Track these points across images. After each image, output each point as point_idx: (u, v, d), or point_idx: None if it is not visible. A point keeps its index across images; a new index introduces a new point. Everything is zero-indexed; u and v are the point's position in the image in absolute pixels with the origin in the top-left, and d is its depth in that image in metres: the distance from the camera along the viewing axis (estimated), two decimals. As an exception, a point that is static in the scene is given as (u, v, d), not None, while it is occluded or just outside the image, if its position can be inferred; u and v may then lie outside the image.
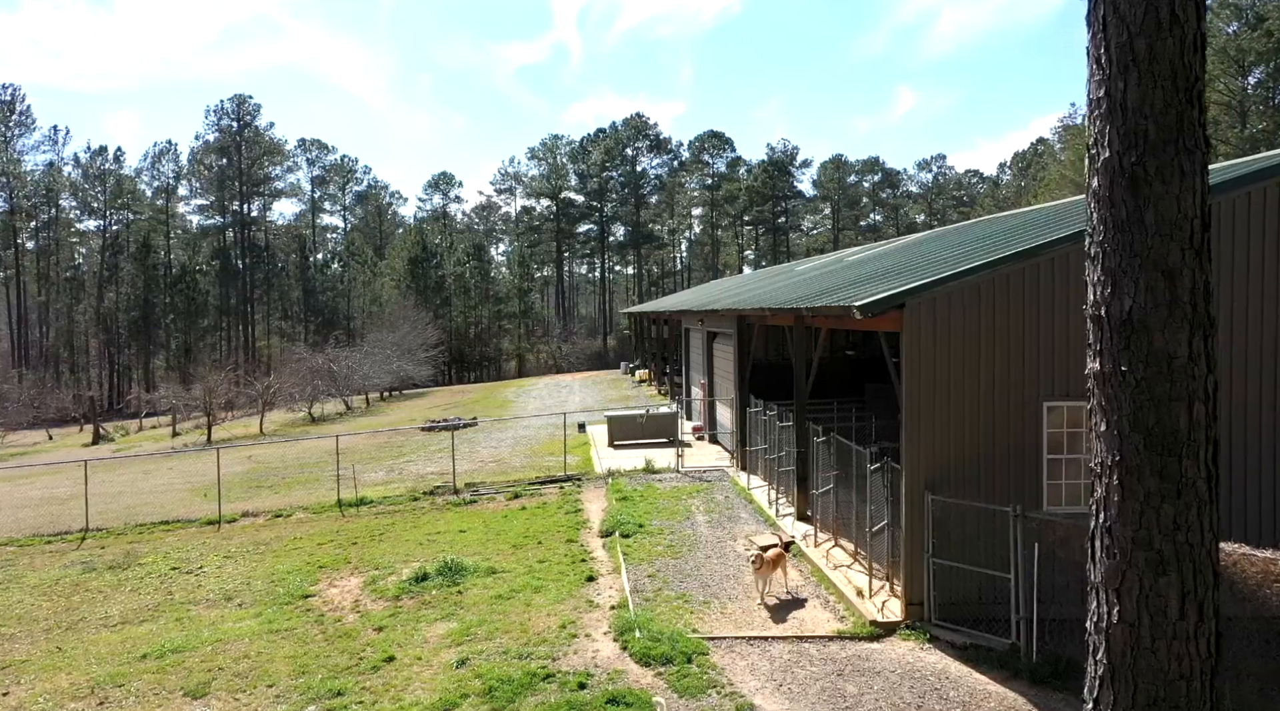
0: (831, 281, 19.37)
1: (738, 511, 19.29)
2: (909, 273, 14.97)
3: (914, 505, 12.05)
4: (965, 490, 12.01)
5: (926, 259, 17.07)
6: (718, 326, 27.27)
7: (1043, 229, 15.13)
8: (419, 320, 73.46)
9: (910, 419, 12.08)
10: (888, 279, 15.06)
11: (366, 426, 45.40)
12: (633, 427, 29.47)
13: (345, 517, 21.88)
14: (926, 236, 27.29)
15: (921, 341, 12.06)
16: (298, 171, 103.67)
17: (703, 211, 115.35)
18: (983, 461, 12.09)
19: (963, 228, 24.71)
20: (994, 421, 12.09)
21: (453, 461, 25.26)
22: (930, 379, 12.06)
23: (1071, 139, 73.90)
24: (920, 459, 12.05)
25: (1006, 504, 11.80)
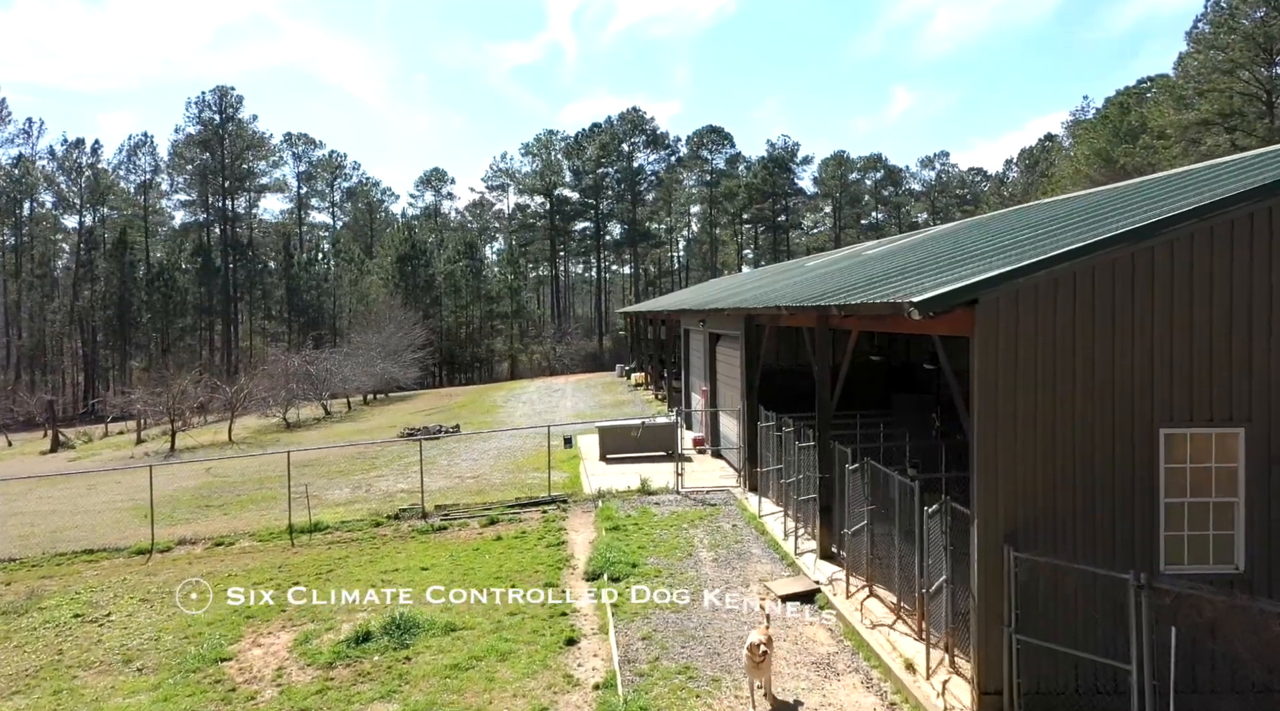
0: (858, 276, 16.51)
1: (748, 545, 16.42)
2: (965, 263, 12.12)
3: (990, 563, 9.20)
4: (1059, 544, 9.16)
5: (973, 249, 14.22)
6: (722, 328, 24.43)
7: (1110, 213, 12.33)
8: (406, 320, 70.55)
9: (984, 451, 9.23)
10: (936, 270, 12.20)
11: (343, 434, 42.49)
12: (626, 440, 26.60)
13: (294, 548, 18.99)
14: (960, 226, 24.46)
15: (1000, 349, 9.21)
16: (284, 166, 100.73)
17: (701, 209, 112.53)
18: (1080, 507, 9.23)
19: (1004, 215, 21.89)
20: (1094, 454, 9.24)
21: (421, 479, 22.36)
22: (1010, 398, 9.20)
23: (1084, 133, 71.14)
24: (999, 503, 9.19)
25: (1110, 562, 8.97)
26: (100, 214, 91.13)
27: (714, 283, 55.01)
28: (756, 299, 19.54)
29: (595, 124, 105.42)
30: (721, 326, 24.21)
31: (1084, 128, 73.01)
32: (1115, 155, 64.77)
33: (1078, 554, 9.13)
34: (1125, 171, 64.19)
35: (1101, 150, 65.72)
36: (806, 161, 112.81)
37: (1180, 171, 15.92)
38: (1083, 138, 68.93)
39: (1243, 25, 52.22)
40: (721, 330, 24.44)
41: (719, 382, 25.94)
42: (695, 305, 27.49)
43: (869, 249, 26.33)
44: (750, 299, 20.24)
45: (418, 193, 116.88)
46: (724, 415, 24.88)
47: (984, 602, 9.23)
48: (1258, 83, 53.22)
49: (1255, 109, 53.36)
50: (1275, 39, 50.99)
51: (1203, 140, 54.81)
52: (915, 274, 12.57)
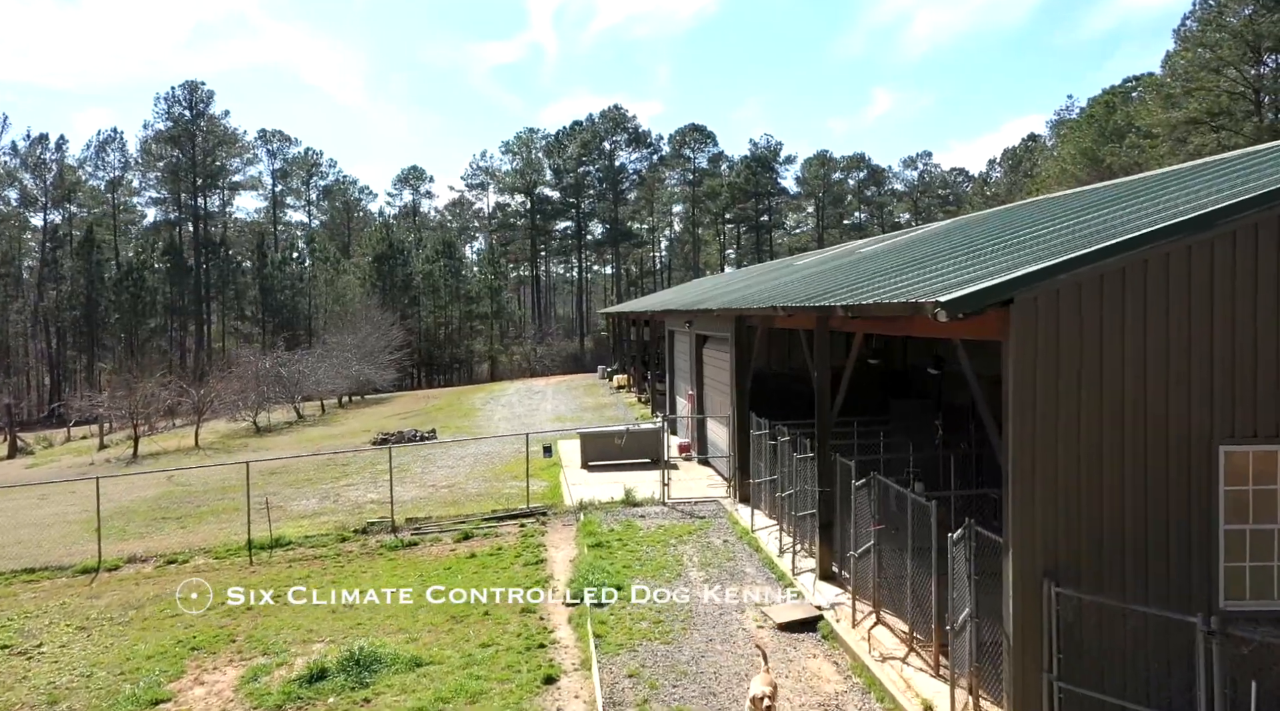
0: (858, 274, 15.40)
1: (741, 563, 15.24)
2: (982, 260, 11.01)
3: (1027, 599, 8.07)
4: (1105, 577, 8.05)
5: (984, 246, 13.14)
6: (709, 329, 23.27)
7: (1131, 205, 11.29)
8: (383, 321, 68.96)
9: (1021, 472, 8.10)
10: (954, 268, 11.10)
11: (314, 439, 40.98)
12: (609, 447, 25.38)
13: (252, 566, 17.63)
14: (960, 222, 23.40)
15: (1038, 355, 8.09)
16: (258, 164, 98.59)
17: (683, 208, 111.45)
18: (1129, 534, 8.12)
19: (1010, 210, 20.86)
20: (1145, 474, 8.14)
21: (391, 490, 21.01)
22: (1051, 412, 8.08)
23: (1069, 133, 70.64)
24: (1037, 531, 8.06)
25: (1163, 596, 7.88)
26: (68, 212, 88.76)
27: (699, 282, 53.89)
28: (749, 299, 18.39)
29: (576, 122, 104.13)
30: (709, 328, 23.05)
31: (1069, 127, 72.53)
32: (1101, 154, 64.29)
33: (1126, 587, 8.03)
34: (1111, 171, 63.67)
35: (1087, 149, 65.21)
36: (789, 161, 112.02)
37: (1215, 159, 14.87)
38: (1068, 137, 68.42)
39: (1230, 23, 51.71)
40: (709, 331, 23.28)
41: (706, 386, 24.78)
42: (681, 306, 26.33)
43: (863, 247, 25.27)
44: (741, 299, 19.08)
45: (395, 191, 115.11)
46: (712, 421, 23.71)
47: (1020, 644, 8.09)
48: (1245, 81, 52.75)
49: (1243, 108, 52.89)
50: (1264, 37, 50.52)
51: (1190, 139, 54.30)
52: (924, 270, 11.46)
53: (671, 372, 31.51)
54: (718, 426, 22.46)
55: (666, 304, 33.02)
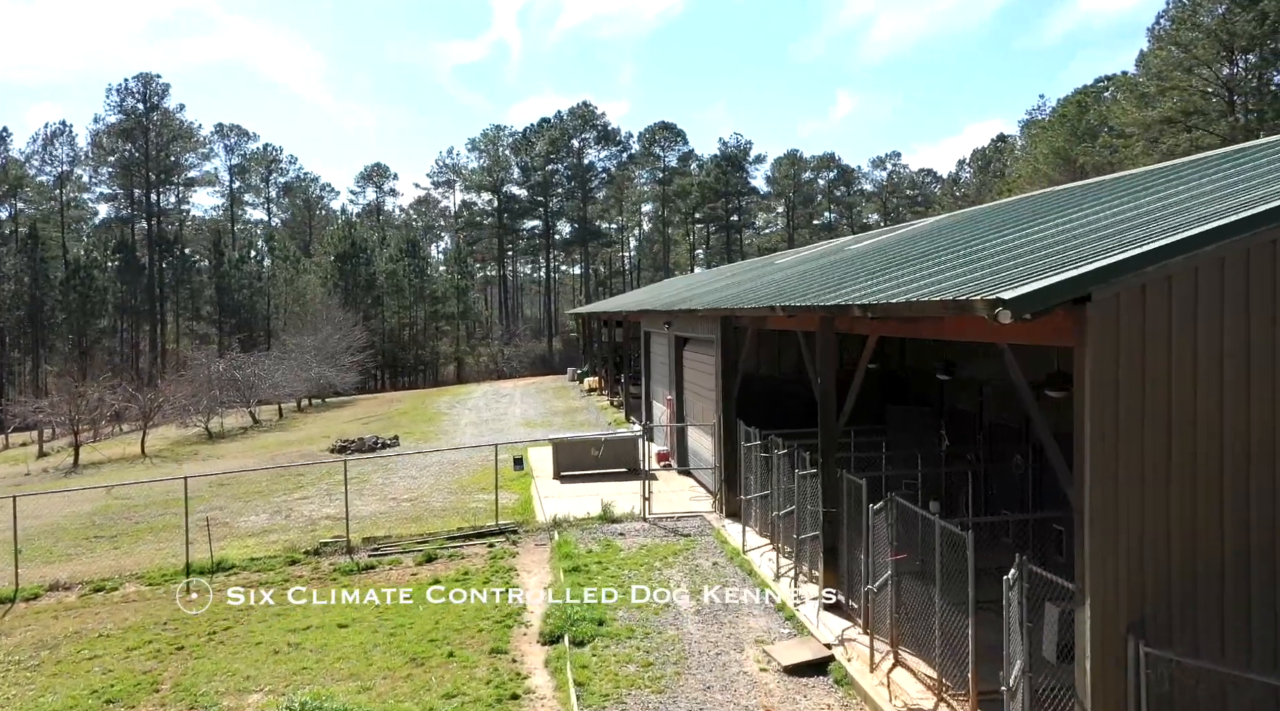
0: (861, 270, 14.02)
1: (736, 590, 13.77)
2: (990, 258, 9.63)
3: (1106, 662, 6.67)
4: (1202, 633, 6.68)
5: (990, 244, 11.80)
6: (691, 330, 21.79)
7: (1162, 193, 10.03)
8: (345, 321, 66.73)
9: (1100, 508, 6.70)
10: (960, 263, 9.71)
11: (269, 446, 38.91)
12: (584, 456, 23.81)
13: (189, 595, 15.84)
14: (948, 220, 22.11)
15: (1122, 365, 6.69)
16: (214, 159, 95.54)
17: (653, 207, 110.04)
18: (1232, 581, 6.76)
19: (1012, 203, 19.59)
20: (1249, 507, 6.78)
21: (346, 507, 19.24)
22: (1136, 432, 6.69)
23: (1041, 133, 70.26)
24: (1120, 580, 6.67)
25: (1271, 658, 6.50)
26: (13, 208, 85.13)
27: (673, 281, 52.40)
28: (739, 297, 16.92)
29: (544, 119, 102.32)
30: (691, 329, 21.57)
31: (1041, 127, 72.16)
32: (1074, 154, 63.93)
33: (1225, 646, 6.66)
34: (1084, 170, 63.31)
35: (1060, 149, 64.82)
36: (759, 160, 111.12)
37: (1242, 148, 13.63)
38: (1040, 137, 68.02)
39: (1205, 22, 51.37)
40: (691, 333, 21.79)
41: (687, 391, 23.30)
42: (659, 306, 24.83)
43: (851, 244, 23.95)
44: (730, 298, 17.60)
45: (359, 189, 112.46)
46: (695, 429, 22.22)
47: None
48: (1219, 80, 52.47)
49: (1217, 107, 52.60)
50: (1237, 35, 50.22)
51: (1163, 139, 53.95)
52: (936, 266, 10.06)
53: (648, 376, 30.01)
54: (701, 435, 20.99)
55: (642, 304, 31.51)
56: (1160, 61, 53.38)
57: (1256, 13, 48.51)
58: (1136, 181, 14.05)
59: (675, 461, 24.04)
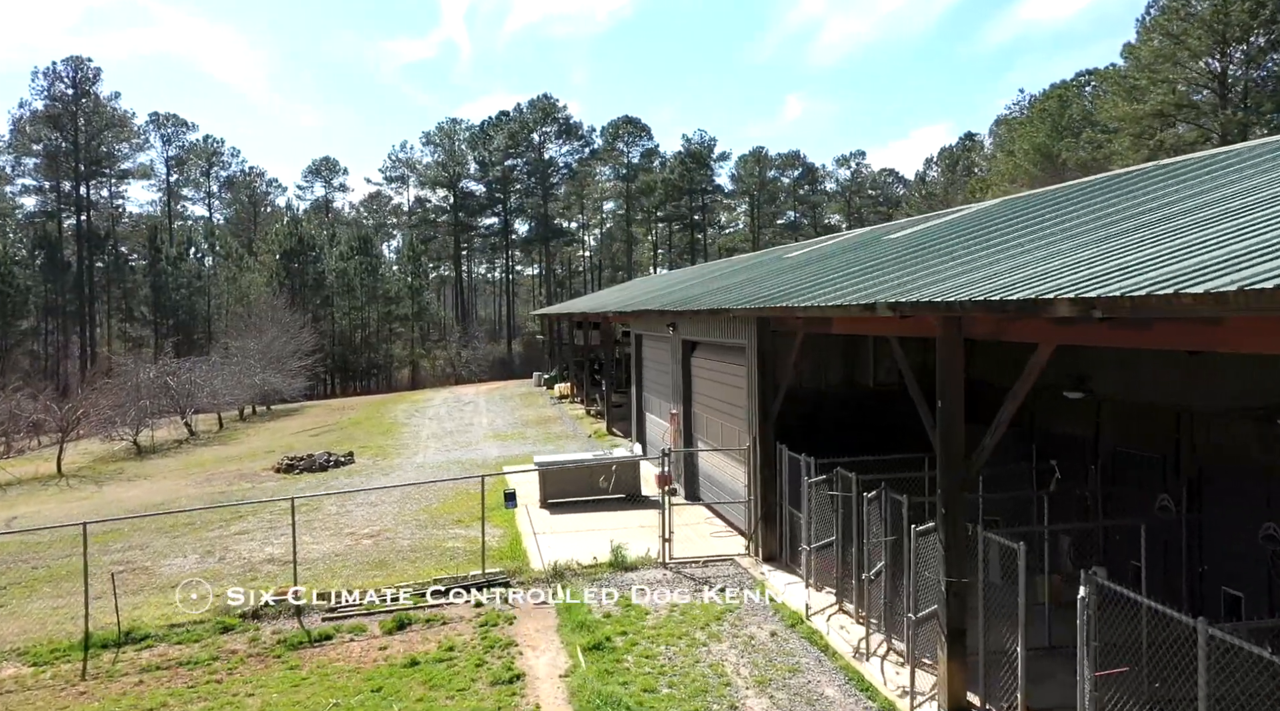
0: (956, 260, 10.89)
1: (814, 679, 10.50)
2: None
3: None
4: None
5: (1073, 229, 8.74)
6: (704, 334, 18.52)
7: None
8: (292, 323, 62.26)
9: None
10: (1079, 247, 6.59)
11: (205, 463, 34.74)
12: (577, 482, 20.44)
13: (84, 682, 12.11)
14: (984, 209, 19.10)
15: None
16: (149, 150, 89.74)
17: (615, 205, 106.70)
18: None
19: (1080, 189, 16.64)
20: None
21: (294, 552, 15.55)
22: None
23: (1021, 129, 68.42)
24: None
25: None
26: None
27: (648, 280, 49.00)
28: (790, 293, 13.58)
29: (503, 112, 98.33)
30: (707, 333, 18.29)
31: (1020, 123, 70.39)
32: (1056, 150, 62.15)
33: None
34: (1067, 167, 61.54)
35: (1041, 145, 62.98)
36: (724, 158, 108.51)
37: None
38: (1022, 133, 66.12)
39: (1198, 10, 49.63)
40: (707, 338, 18.51)
41: (698, 405, 20.00)
42: (663, 305, 21.49)
43: (887, 234, 20.86)
44: (779, 295, 14.27)
45: (306, 184, 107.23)
46: (709, 449, 18.92)
47: None
48: (1209, 73, 50.80)
49: (1210, 101, 50.93)
50: (1232, 25, 48.55)
51: (1156, 132, 52.19)
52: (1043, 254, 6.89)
53: (639, 385, 26.66)
54: (725, 461, 17.70)
55: (629, 303, 28.14)
56: (1150, 52, 51.55)
57: (1252, 1, 46.86)
58: None
59: (682, 487, 20.75)
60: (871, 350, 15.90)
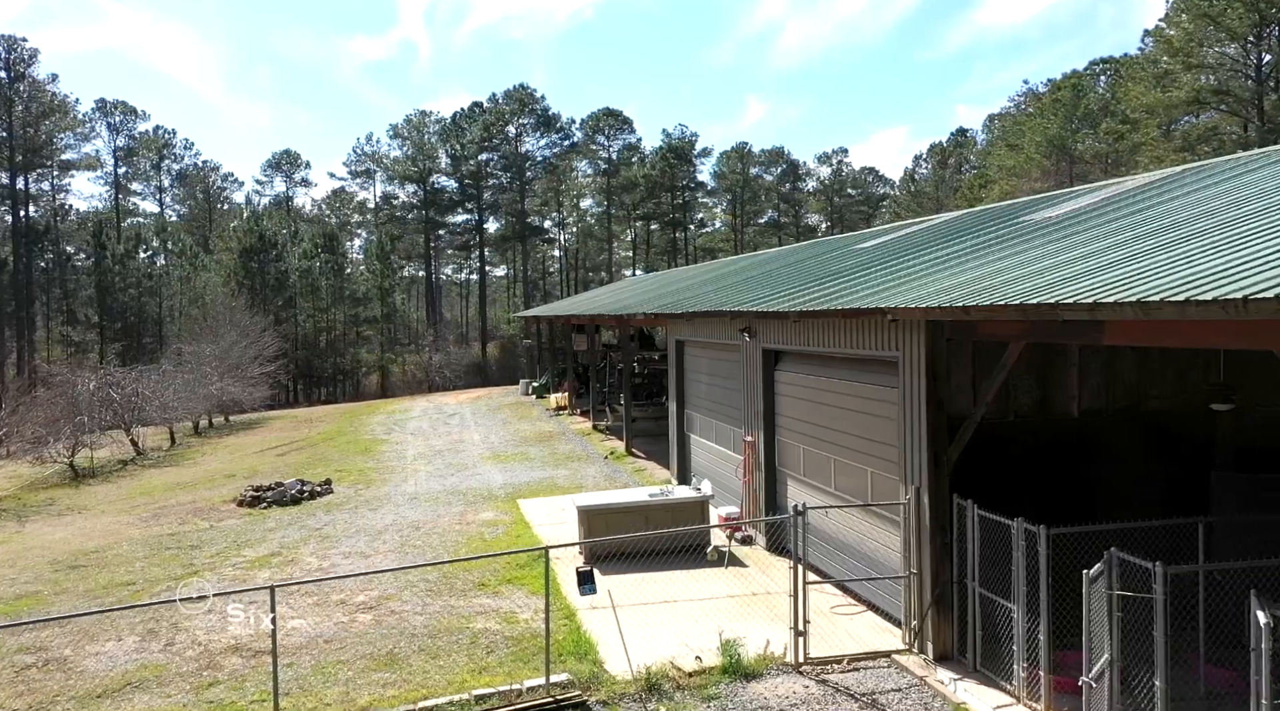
0: None
1: None
2: None
3: None
4: None
5: None
6: (811, 342, 14.25)
7: None
8: (253, 326, 57.02)
9: None
10: None
11: (154, 489, 29.75)
12: (631, 529, 16.05)
13: None
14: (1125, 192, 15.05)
15: None
16: (95, 140, 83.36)
17: (593, 202, 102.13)
18: None
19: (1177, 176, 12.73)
20: None
21: (275, 681, 10.94)
22: None
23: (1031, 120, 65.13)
24: None
25: None
26: None
27: (677, 273, 44.00)
28: (1066, 281, 9.24)
29: (476, 104, 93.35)
30: (813, 341, 14.01)
31: (1028, 116, 67.19)
32: (1073, 142, 59.01)
33: None
34: (1084, 160, 58.40)
35: (1055, 137, 59.77)
36: (706, 153, 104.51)
37: None
38: (1032, 125, 62.84)
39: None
40: (810, 347, 14.23)
41: (788, 433, 15.69)
42: (737, 304, 17.10)
43: (1029, 211, 16.75)
44: (1041, 288, 9.93)
45: (266, 178, 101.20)
46: (810, 489, 14.61)
47: None
48: (1247, 58, 47.76)
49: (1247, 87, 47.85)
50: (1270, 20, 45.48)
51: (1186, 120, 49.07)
52: None
53: (681, 400, 22.31)
54: (853, 517, 13.37)
55: (671, 301, 23.73)
56: (1181, 35, 48.37)
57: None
58: None
59: (762, 536, 16.46)
60: (1076, 363, 11.70)
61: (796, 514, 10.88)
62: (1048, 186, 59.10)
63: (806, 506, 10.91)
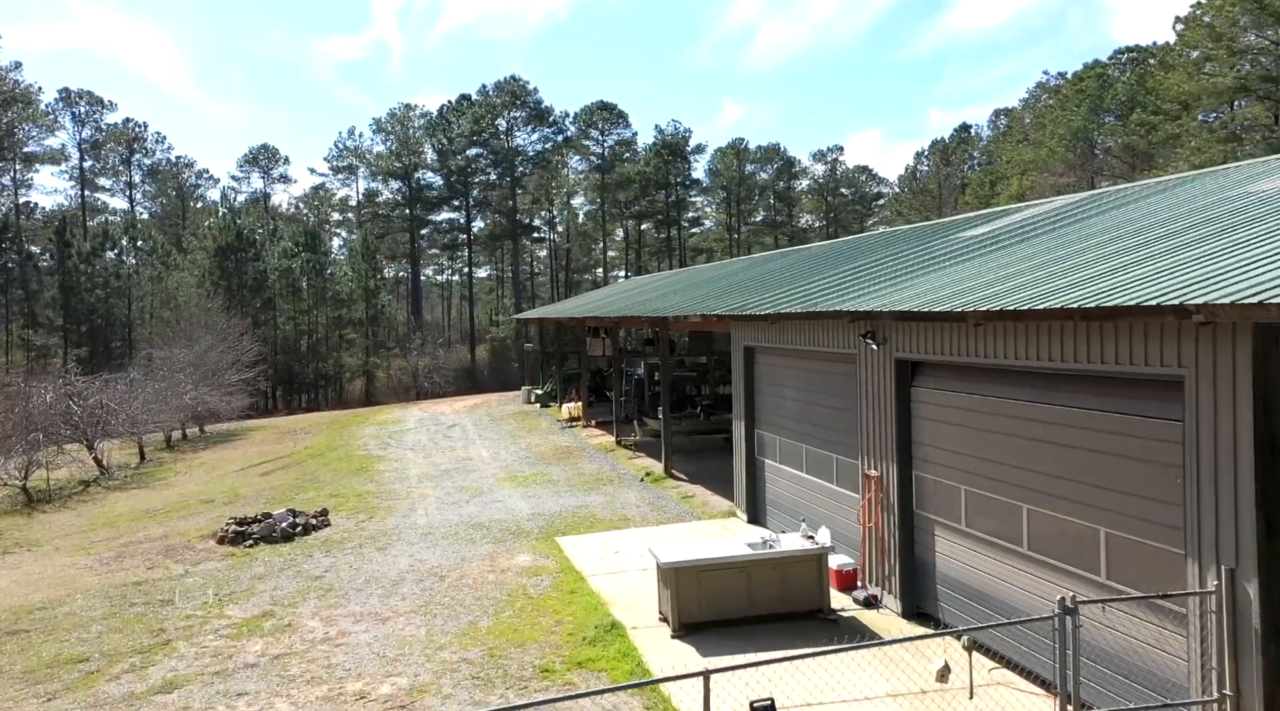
0: None
1: None
2: None
3: None
4: None
5: None
6: (970, 353, 10.82)
7: None
8: (230, 329, 52.95)
9: None
10: None
11: (117, 519, 25.86)
12: (733, 591, 12.59)
13: None
14: None
15: None
16: (60, 133, 78.64)
17: (586, 198, 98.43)
18: None
19: None
20: None
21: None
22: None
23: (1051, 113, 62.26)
24: None
25: None
26: None
27: (734, 264, 39.81)
28: None
29: (464, 96, 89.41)
30: (985, 352, 10.57)
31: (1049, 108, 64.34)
32: (1098, 135, 56.19)
33: None
34: (1111, 153, 55.58)
35: (1080, 129, 56.91)
36: (700, 150, 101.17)
37: None
38: (1054, 117, 59.95)
39: None
40: (975, 361, 10.77)
41: (935, 469, 12.23)
42: (879, 304, 13.58)
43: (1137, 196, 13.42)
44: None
45: (242, 174, 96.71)
46: (982, 543, 11.11)
47: None
48: None
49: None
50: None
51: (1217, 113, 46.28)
52: None
53: (750, 418, 18.78)
54: (987, 560, 9.88)
55: (772, 299, 20.17)
56: (1225, 19, 45.54)
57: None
58: None
59: (889, 591, 12.99)
60: None
61: (1065, 612, 7.34)
62: (1071, 181, 56.26)
63: (1077, 601, 7.37)
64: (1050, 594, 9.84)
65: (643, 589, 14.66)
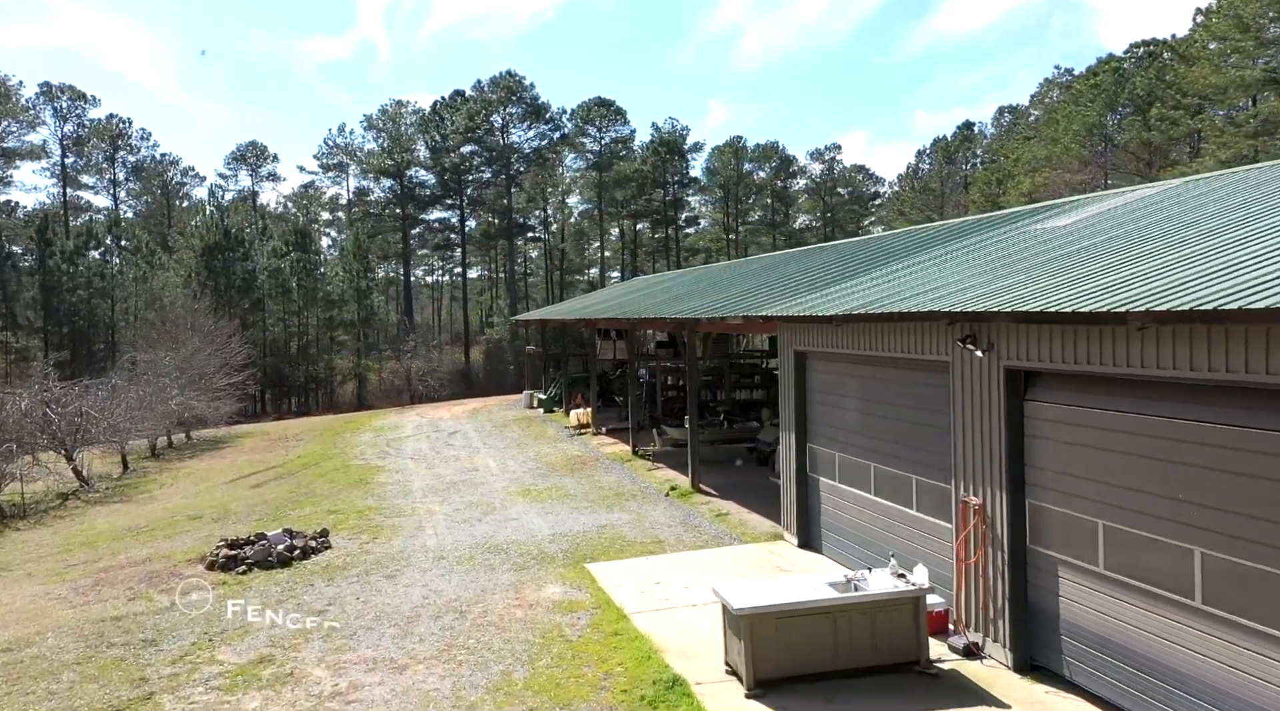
0: None
1: None
2: None
3: None
4: None
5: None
6: (1116, 362, 8.99)
7: None
8: (218, 331, 50.80)
9: None
10: None
11: (97, 538, 23.77)
12: (818, 640, 10.72)
13: None
14: None
15: None
16: (41, 128, 76.10)
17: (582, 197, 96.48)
18: None
19: None
20: None
21: None
22: None
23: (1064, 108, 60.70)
24: None
25: None
26: None
27: (765, 259, 37.25)
28: None
29: (458, 92, 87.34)
30: (1142, 361, 8.73)
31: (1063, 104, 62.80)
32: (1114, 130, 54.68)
33: None
34: (1127, 149, 54.09)
35: (1095, 125, 55.39)
36: (698, 148, 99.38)
37: None
38: (1068, 113, 58.38)
39: None
40: (1121, 371, 8.94)
41: (1048, 493, 10.38)
42: (949, 303, 11.75)
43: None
44: None
45: (230, 172, 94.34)
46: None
47: None
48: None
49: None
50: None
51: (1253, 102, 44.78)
52: None
53: (801, 431, 16.90)
54: (1137, 611, 8.03)
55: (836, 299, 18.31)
56: (1254, 10, 44.06)
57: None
58: None
59: (998, 640, 11.14)
60: None
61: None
62: (1086, 177, 54.73)
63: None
64: (1237, 661, 8.03)
65: (698, 630, 12.80)
